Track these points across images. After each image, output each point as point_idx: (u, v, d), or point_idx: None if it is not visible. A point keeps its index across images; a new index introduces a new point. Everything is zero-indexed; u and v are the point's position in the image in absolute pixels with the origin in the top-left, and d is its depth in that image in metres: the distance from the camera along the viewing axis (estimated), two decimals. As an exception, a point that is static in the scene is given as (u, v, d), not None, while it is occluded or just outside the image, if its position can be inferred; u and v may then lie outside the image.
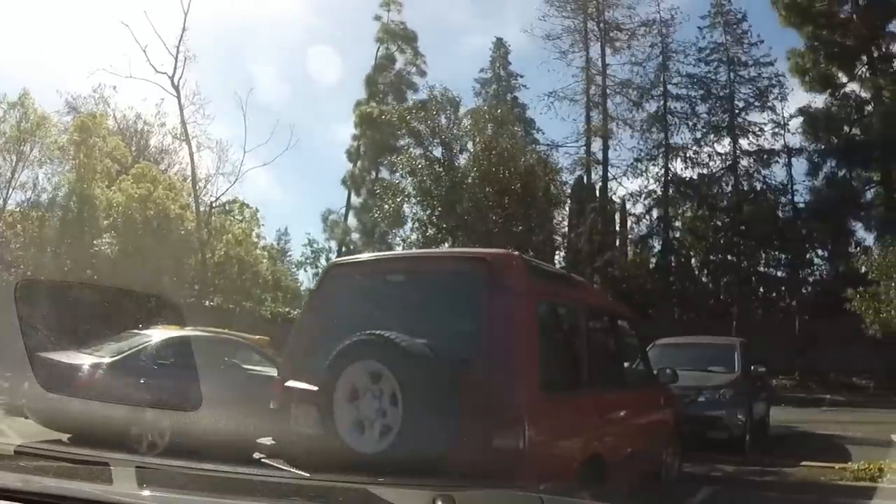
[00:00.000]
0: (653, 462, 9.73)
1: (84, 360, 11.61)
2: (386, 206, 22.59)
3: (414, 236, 22.47)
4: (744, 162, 43.78)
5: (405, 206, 22.34)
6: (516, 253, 7.35)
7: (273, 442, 7.15)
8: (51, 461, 4.92)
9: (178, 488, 4.10)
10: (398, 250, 23.52)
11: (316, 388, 6.52)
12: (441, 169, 21.80)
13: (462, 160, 22.87)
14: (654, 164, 45.01)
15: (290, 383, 7.28)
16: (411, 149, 23.11)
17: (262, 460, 6.92)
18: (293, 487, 4.88)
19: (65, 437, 11.39)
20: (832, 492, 10.76)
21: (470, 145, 22.48)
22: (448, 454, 5.93)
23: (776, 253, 42.89)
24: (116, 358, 11.92)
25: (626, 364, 9.84)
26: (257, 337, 16.83)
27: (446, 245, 21.39)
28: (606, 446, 7.53)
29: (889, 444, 15.11)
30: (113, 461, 4.67)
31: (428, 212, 21.81)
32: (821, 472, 11.60)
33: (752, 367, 15.93)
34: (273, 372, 10.84)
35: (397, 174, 24.34)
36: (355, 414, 6.24)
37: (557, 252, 36.50)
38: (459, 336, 6.73)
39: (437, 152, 22.45)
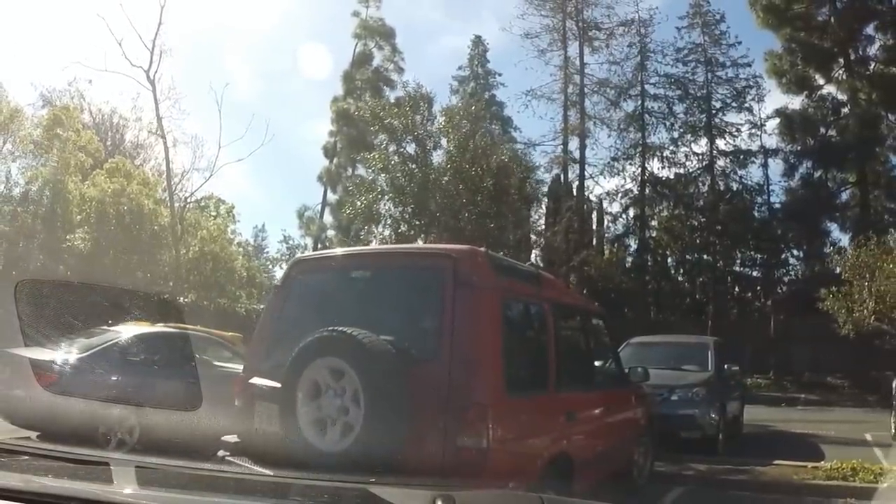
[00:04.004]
0: (623, 461, 9.71)
1: (52, 356, 11.44)
2: (359, 203, 22.55)
3: (387, 233, 22.49)
4: (720, 162, 44.19)
5: (379, 202, 22.32)
6: (481, 249, 7.23)
7: (237, 439, 7.08)
8: (51, 461, 4.79)
9: (178, 488, 4.06)
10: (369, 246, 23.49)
11: (278, 386, 6.44)
12: (414, 166, 21.80)
13: (436, 157, 22.95)
14: (630, 164, 45.25)
15: (254, 380, 7.20)
16: (385, 145, 23.11)
17: (227, 458, 6.86)
18: (293, 487, 4.85)
19: (34, 434, 11.25)
20: (804, 491, 10.73)
21: (444, 142, 22.50)
22: (411, 453, 5.89)
23: (752, 253, 43.26)
24: (84, 354, 11.77)
25: (595, 362, 9.78)
26: (229, 334, 16.78)
27: (419, 242, 21.39)
28: (574, 445, 7.49)
29: (863, 444, 15.26)
30: (113, 461, 4.65)
31: (401, 209, 21.81)
32: (793, 471, 11.52)
33: (726, 366, 15.97)
34: (243, 369, 10.75)
35: (371, 171, 24.26)
36: (317, 412, 6.17)
37: (534, 250, 36.58)
38: (423, 333, 6.69)
39: (411, 149, 22.47)
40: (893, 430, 15.89)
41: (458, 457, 5.97)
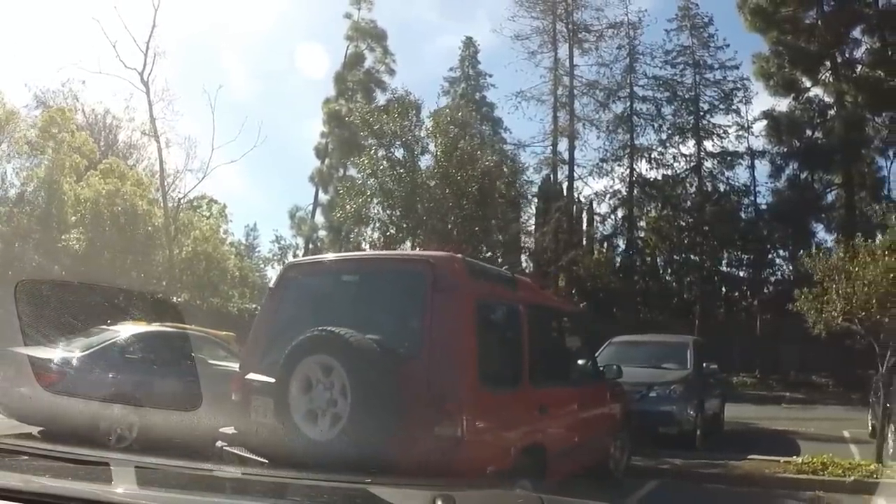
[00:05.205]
0: (598, 454, 10.17)
1: (54, 354, 11.84)
2: (348, 207, 22.95)
3: (375, 235, 22.87)
4: (708, 163, 44.50)
5: (368, 206, 22.63)
6: (459, 255, 7.85)
7: (234, 431, 7.61)
8: (51, 461, 4.80)
9: (178, 488, 4.08)
10: (361, 249, 23.85)
11: (273, 381, 6.94)
12: (402, 170, 22.21)
13: (423, 161, 23.42)
14: (619, 165, 45.52)
15: (250, 376, 7.72)
16: (374, 150, 23.41)
17: (224, 448, 7.34)
18: (293, 487, 4.94)
19: (35, 430, 11.60)
20: (775, 484, 11.18)
21: (431, 146, 22.87)
22: (393, 440, 6.42)
23: (738, 253, 43.64)
24: (85, 353, 12.17)
25: (570, 360, 10.28)
26: (223, 333, 17.03)
27: (407, 244, 21.83)
28: (548, 437, 7.99)
29: (841, 440, 15.64)
30: (113, 461, 4.69)
31: (389, 212, 22.20)
32: (766, 466, 11.97)
33: (705, 365, 16.36)
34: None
35: (360, 174, 24.59)
36: (309, 404, 6.68)
37: (523, 250, 36.86)
38: (405, 332, 7.20)
39: (399, 153, 22.83)
40: (870, 428, 16.27)
41: (435, 445, 6.49)
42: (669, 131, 44.91)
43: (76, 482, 3.70)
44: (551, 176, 45.54)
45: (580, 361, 10.56)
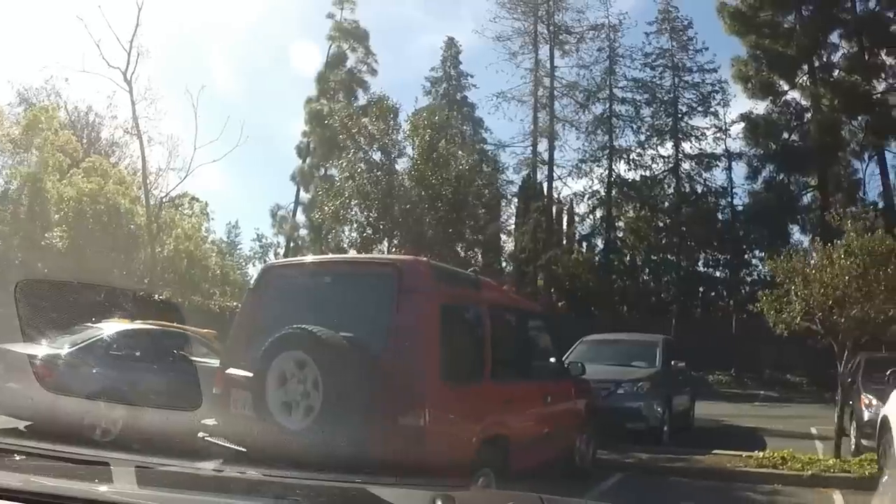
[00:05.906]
0: (562, 447, 10.58)
1: (40, 351, 12.05)
2: (327, 208, 23.39)
3: (354, 235, 23.26)
4: (686, 165, 44.94)
5: (346, 208, 22.96)
6: (424, 259, 8.41)
7: (215, 422, 8.06)
8: (50, 461, 4.90)
9: (178, 488, 4.03)
10: (340, 248, 24.21)
11: (251, 375, 7.42)
12: (380, 173, 22.73)
13: (401, 164, 23.99)
14: (598, 166, 45.92)
15: (230, 371, 8.19)
16: (352, 153, 23.78)
17: (206, 438, 7.77)
18: (293, 488, 4.83)
19: (21, 424, 11.87)
20: (736, 477, 11.63)
21: (409, 149, 23.28)
22: (361, 430, 6.88)
23: (715, 253, 44.12)
24: (70, 350, 12.46)
25: (533, 357, 10.70)
26: (205, 330, 17.25)
27: (384, 244, 22.31)
28: (510, 428, 8.42)
29: (807, 437, 16.04)
30: (113, 461, 4.70)
31: (366, 214, 22.64)
32: (728, 460, 12.43)
33: (673, 363, 16.83)
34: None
35: (339, 176, 24.95)
36: (284, 396, 7.14)
37: (502, 250, 37.15)
38: (374, 330, 7.61)
39: (377, 156, 23.30)
40: (837, 425, 16.71)
41: (400, 433, 7.00)
42: (648, 133, 45.50)
43: (75, 482, 3.67)
44: (531, 176, 46.04)
45: (543, 358, 11.06)
